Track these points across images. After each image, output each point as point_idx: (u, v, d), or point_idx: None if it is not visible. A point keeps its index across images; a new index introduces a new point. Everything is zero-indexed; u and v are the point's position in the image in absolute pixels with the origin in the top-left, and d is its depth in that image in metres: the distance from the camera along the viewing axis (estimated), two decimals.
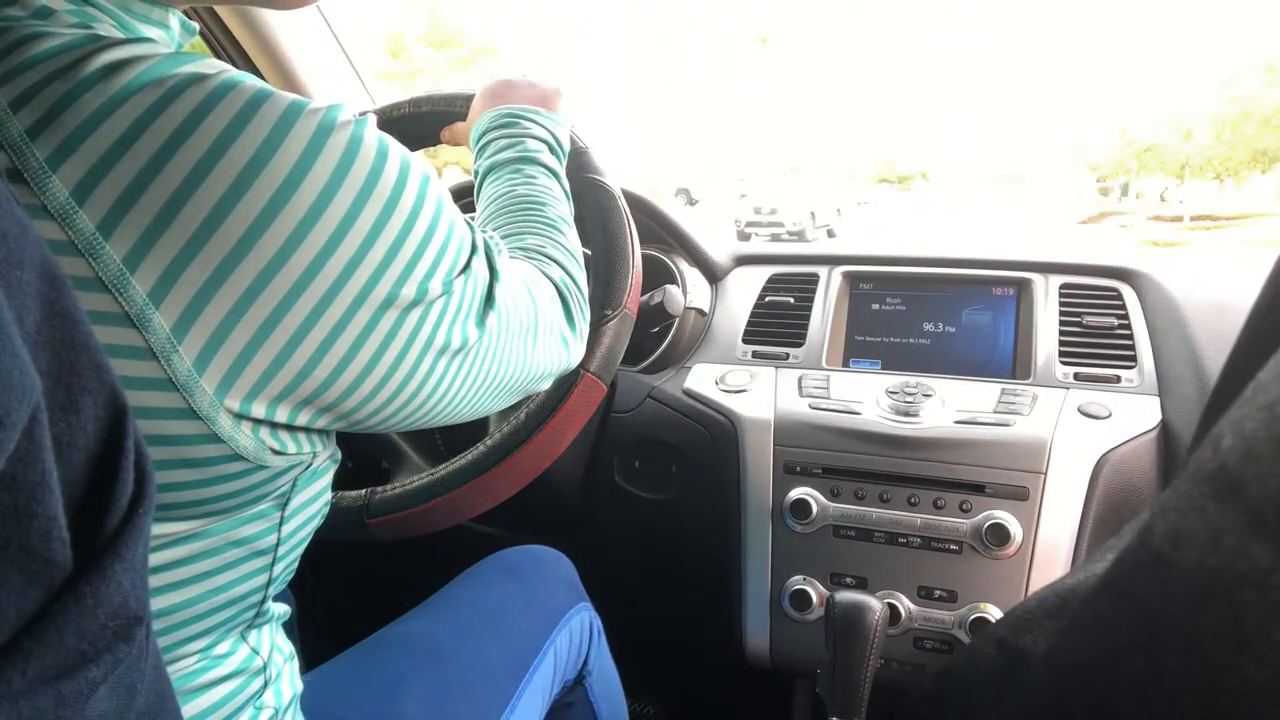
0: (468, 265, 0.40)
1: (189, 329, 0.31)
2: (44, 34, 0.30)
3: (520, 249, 0.54)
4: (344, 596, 1.03)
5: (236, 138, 0.31)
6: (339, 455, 0.44)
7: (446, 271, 0.38)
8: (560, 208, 0.58)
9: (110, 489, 0.22)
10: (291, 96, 0.33)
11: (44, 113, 0.29)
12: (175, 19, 0.40)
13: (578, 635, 0.70)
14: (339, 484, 0.61)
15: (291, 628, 0.75)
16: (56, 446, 0.20)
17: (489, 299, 0.42)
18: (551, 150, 0.61)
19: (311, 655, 0.62)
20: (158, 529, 0.35)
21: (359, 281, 0.34)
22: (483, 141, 0.62)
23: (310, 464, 0.40)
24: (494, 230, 0.56)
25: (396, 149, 0.36)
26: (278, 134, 0.31)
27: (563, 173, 0.62)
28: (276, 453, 0.36)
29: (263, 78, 0.94)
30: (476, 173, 0.62)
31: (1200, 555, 0.18)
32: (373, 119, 0.36)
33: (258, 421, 0.34)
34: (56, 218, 0.29)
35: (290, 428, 0.37)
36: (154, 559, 0.35)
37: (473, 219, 0.56)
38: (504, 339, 0.44)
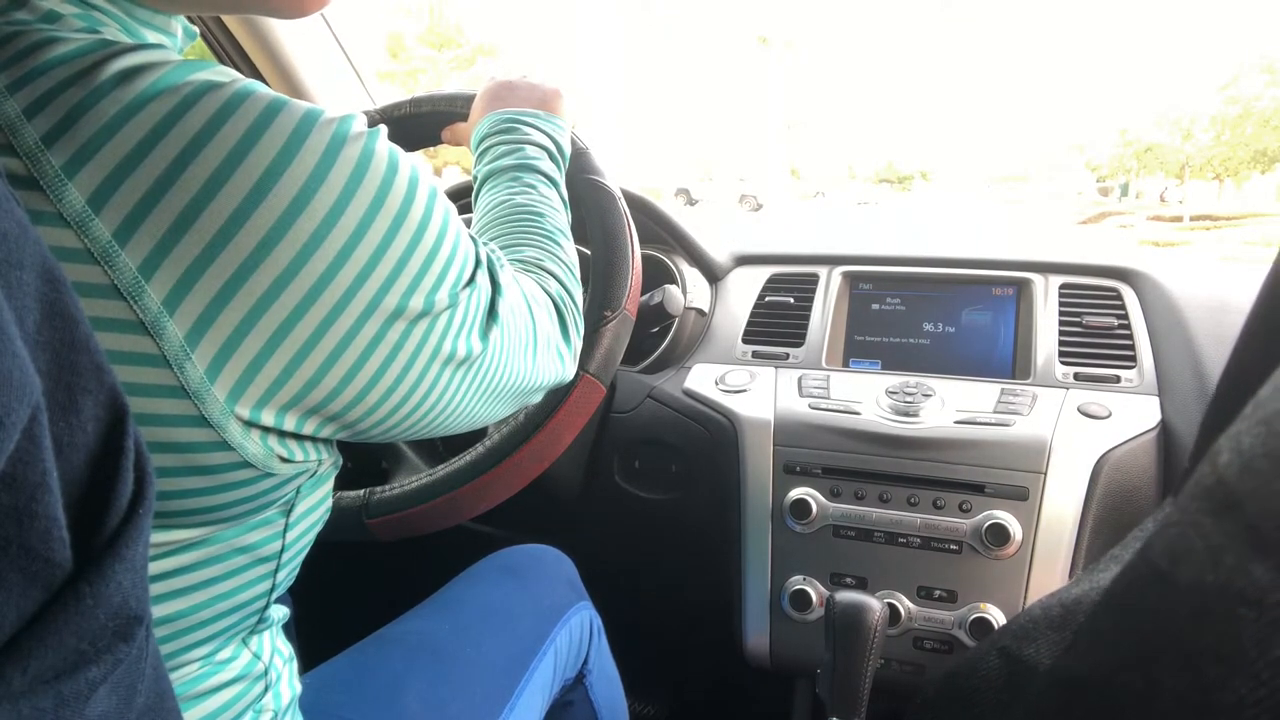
0: (472, 278, 0.40)
1: (202, 337, 0.31)
2: (55, 39, 0.30)
3: (518, 261, 0.54)
4: (343, 597, 1.03)
5: (252, 147, 0.30)
6: (340, 460, 0.44)
7: (453, 284, 0.38)
8: (558, 218, 0.58)
9: (110, 489, 0.22)
10: (306, 106, 0.33)
11: (60, 119, 0.29)
12: (178, 24, 0.40)
13: (578, 634, 0.70)
14: (338, 484, 0.61)
15: (290, 628, 0.75)
16: (56, 447, 0.20)
17: (492, 312, 0.42)
18: (551, 157, 0.61)
19: (311, 656, 0.62)
20: (164, 536, 0.34)
21: (368, 293, 0.34)
22: (482, 146, 0.62)
23: (315, 471, 0.40)
24: (491, 240, 0.56)
25: (406, 162, 0.36)
26: (293, 144, 0.31)
27: (562, 179, 0.62)
28: (284, 460, 0.36)
29: (261, 77, 0.94)
30: (475, 178, 0.61)
31: (1199, 572, 0.17)
32: (384, 131, 0.36)
33: (266, 429, 0.34)
34: (72, 225, 0.28)
35: (298, 436, 0.37)
36: (160, 566, 0.35)
37: (469, 221, 0.56)
38: (505, 351, 0.44)
